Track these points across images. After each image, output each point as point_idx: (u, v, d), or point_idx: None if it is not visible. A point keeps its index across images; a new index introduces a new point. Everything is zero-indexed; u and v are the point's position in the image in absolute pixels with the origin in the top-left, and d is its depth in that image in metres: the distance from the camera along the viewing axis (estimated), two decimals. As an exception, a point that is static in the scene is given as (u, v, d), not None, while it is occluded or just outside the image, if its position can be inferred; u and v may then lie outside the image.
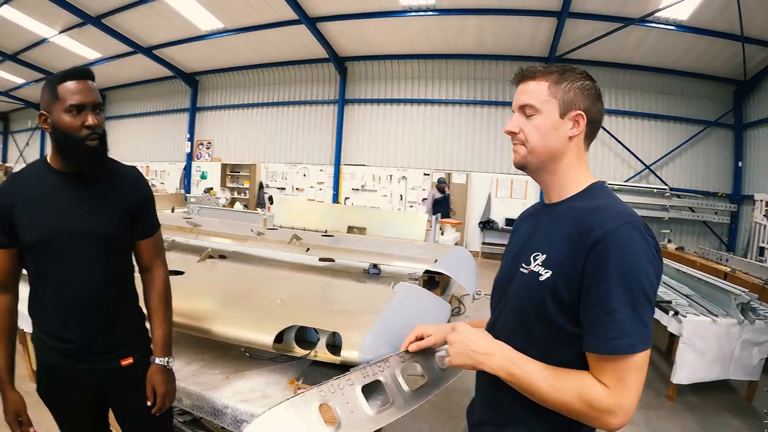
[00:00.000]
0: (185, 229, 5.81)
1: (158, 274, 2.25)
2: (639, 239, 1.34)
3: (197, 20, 14.71)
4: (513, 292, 1.59)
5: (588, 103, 1.50)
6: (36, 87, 23.69)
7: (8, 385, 2.04)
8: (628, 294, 1.30)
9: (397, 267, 4.45)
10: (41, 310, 2.05)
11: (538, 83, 1.52)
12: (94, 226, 2.00)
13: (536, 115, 1.51)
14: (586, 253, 1.36)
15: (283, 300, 3.09)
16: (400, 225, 6.51)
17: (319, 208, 8.95)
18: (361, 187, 16.12)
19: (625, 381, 1.31)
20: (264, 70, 18.27)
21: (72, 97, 1.88)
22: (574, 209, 1.48)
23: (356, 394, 1.83)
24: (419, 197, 15.23)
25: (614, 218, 1.37)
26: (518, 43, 13.23)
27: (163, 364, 2.13)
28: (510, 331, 1.57)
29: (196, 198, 11.72)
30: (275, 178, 18.24)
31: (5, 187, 2.03)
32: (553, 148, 1.52)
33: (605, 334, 1.32)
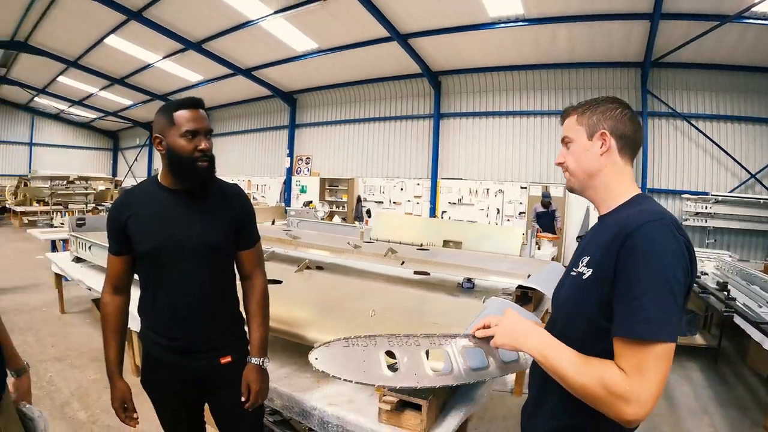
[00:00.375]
0: (284, 241, 6.06)
1: (258, 282, 2.42)
2: (667, 235, 1.41)
3: (292, 42, 15.12)
4: (564, 293, 1.74)
5: (612, 122, 1.66)
6: (143, 107, 25.66)
7: (117, 375, 2.26)
8: (653, 284, 1.36)
9: (492, 282, 4.45)
10: (151, 310, 2.27)
11: (570, 118, 1.76)
12: (202, 238, 2.18)
13: (571, 143, 1.74)
14: (618, 249, 1.45)
15: (375, 311, 3.19)
16: (495, 239, 6.47)
17: (416, 222, 9.01)
18: (458, 201, 15.98)
19: (643, 369, 1.35)
20: (359, 87, 18.46)
21: (187, 124, 2.09)
22: (619, 217, 1.57)
23: (420, 353, 2.08)
24: (516, 211, 14.95)
25: (645, 216, 1.46)
26: (611, 50, 12.67)
27: (259, 363, 2.29)
28: (560, 327, 1.67)
29: (296, 211, 12.04)
30: (373, 192, 18.36)
31: (120, 202, 2.27)
32: (588, 167, 1.70)
33: (629, 319, 1.38)
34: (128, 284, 2.33)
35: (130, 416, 2.27)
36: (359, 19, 12.82)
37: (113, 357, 2.26)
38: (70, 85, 23.37)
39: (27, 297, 8.77)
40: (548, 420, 1.68)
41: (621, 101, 1.70)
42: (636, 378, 1.34)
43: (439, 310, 3.64)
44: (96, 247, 5.88)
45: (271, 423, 3.47)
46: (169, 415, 2.41)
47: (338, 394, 2.58)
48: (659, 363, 1.35)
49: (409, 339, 2.11)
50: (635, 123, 1.68)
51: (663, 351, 1.35)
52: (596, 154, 1.67)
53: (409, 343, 2.10)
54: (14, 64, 21.22)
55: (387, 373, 2.04)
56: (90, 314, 7.78)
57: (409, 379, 2.03)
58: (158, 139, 2.15)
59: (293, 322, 3.00)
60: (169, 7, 13.68)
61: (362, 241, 6.48)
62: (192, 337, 2.21)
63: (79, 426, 4.41)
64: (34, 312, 7.88)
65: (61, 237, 9.94)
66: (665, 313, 1.35)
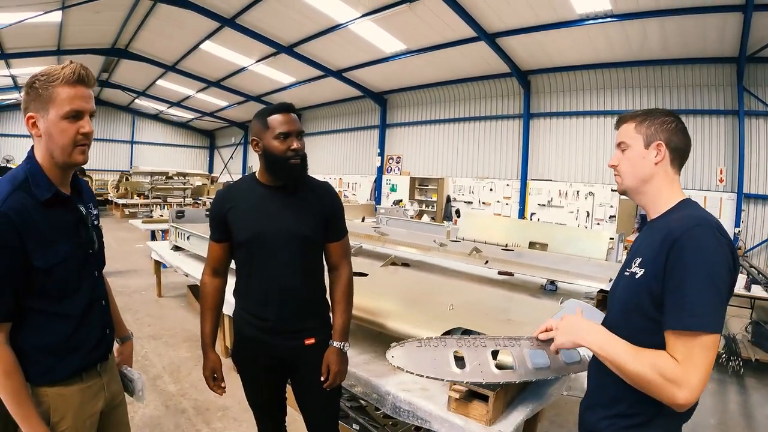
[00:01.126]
0: (372, 237, 6.21)
1: (344, 272, 2.59)
2: (711, 238, 1.56)
3: (381, 44, 15.34)
4: (618, 292, 1.87)
5: (668, 134, 1.79)
6: (238, 108, 26.81)
7: (210, 348, 2.55)
8: (700, 282, 1.51)
9: (575, 285, 4.43)
10: (245, 293, 2.51)
11: (628, 125, 1.87)
12: (293, 229, 2.39)
13: (627, 149, 1.86)
14: (668, 250, 1.59)
15: (453, 305, 3.28)
16: (581, 242, 6.37)
17: (503, 223, 8.97)
18: (548, 203, 15.69)
19: (693, 357, 1.48)
20: (448, 87, 18.48)
21: (280, 127, 2.33)
22: (668, 221, 1.71)
23: (486, 353, 2.22)
24: (606, 214, 14.50)
25: (690, 221, 1.61)
26: (706, 45, 11.93)
27: (339, 347, 2.45)
28: (616, 323, 1.79)
29: (385, 209, 12.22)
30: (462, 192, 18.33)
31: (222, 195, 2.55)
32: (642, 174, 1.82)
33: (679, 313, 1.52)
34: (226, 268, 2.62)
35: (218, 385, 2.55)
36: (446, 20, 12.86)
37: (208, 331, 2.55)
38: (168, 88, 24.86)
39: (127, 281, 9.43)
40: (606, 408, 1.80)
41: (675, 116, 1.84)
42: (687, 365, 1.48)
43: (516, 309, 3.67)
44: (194, 237, 6.23)
45: (348, 408, 3.63)
46: (254, 388, 2.64)
47: (412, 381, 2.69)
48: (707, 352, 1.49)
49: (476, 341, 2.26)
50: (687, 137, 1.83)
51: (710, 341, 1.49)
52: (651, 162, 1.80)
53: (476, 345, 2.24)
54: (116, 69, 22.83)
55: (455, 370, 2.17)
56: (185, 299, 8.28)
57: (475, 376, 2.15)
58: (255, 141, 2.41)
59: (375, 312, 3.14)
60: (260, 13, 14.27)
61: (448, 240, 6.54)
62: (280, 318, 2.41)
63: (169, 397, 4.79)
64: (134, 294, 8.48)
65: (160, 227, 10.55)
66: (713, 307, 1.50)
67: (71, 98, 1.76)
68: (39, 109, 1.77)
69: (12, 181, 1.77)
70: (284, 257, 2.39)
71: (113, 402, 2.15)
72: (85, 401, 1.95)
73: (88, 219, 2.03)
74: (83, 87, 1.81)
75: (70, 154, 1.82)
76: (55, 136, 1.78)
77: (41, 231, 1.77)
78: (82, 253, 1.96)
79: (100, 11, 14.48)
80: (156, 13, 15.50)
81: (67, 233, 1.88)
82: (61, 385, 1.87)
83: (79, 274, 1.93)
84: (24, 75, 20.88)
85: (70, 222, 1.91)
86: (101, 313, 2.08)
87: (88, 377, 1.98)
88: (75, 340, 1.90)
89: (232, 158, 33.58)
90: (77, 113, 1.79)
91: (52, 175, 1.84)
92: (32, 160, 1.84)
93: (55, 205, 1.84)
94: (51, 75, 1.76)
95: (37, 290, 1.79)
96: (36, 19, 13.80)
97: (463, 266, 5.14)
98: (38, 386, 1.82)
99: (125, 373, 2.33)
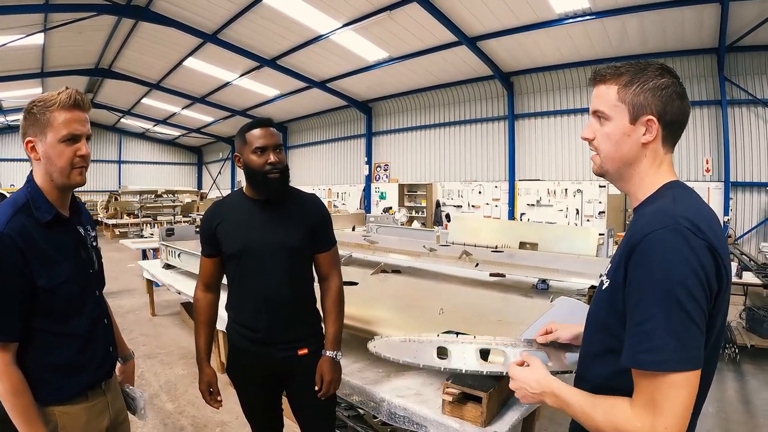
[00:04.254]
0: (363, 246, 6.23)
1: (334, 282, 2.62)
2: (679, 244, 1.22)
3: (363, 53, 15.36)
4: (591, 305, 1.61)
5: (662, 104, 1.38)
6: (224, 123, 26.67)
7: (205, 362, 2.59)
8: (659, 305, 1.21)
9: (566, 283, 4.46)
10: (237, 305, 2.55)
11: (608, 87, 1.45)
12: (280, 241, 2.43)
13: (607, 121, 1.45)
14: (627, 259, 1.31)
15: (444, 309, 3.30)
16: (571, 240, 6.39)
17: (492, 225, 9.02)
18: (537, 203, 15.71)
19: (656, 402, 1.20)
20: (432, 93, 18.50)
21: (257, 141, 2.39)
22: (639, 215, 1.42)
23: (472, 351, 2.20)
24: (596, 210, 14.57)
25: (655, 221, 1.28)
26: (684, 37, 12.01)
27: (332, 356, 2.48)
28: (586, 339, 1.60)
29: (375, 217, 12.23)
30: (452, 196, 18.33)
31: (211, 211, 2.59)
32: (625, 156, 1.45)
33: (633, 345, 1.25)
34: (218, 283, 2.66)
35: (214, 399, 2.57)
36: (426, 26, 12.92)
37: (203, 345, 2.60)
38: (153, 106, 24.80)
39: (120, 301, 9.39)
40: None
41: (671, 71, 1.42)
42: (648, 413, 1.22)
43: (507, 309, 3.71)
44: (185, 254, 6.23)
45: (345, 417, 3.65)
46: (250, 400, 2.67)
47: (406, 387, 2.72)
48: (677, 393, 1.19)
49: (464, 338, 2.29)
50: (685, 103, 1.42)
51: (681, 380, 1.19)
52: (637, 142, 1.42)
53: (463, 342, 2.26)
54: (100, 89, 22.69)
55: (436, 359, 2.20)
56: (179, 317, 8.25)
57: (457, 363, 2.18)
58: (237, 156, 2.48)
59: (367, 320, 3.17)
60: (242, 28, 14.28)
61: (438, 245, 6.56)
62: (272, 329, 2.44)
63: (167, 415, 4.78)
64: (127, 314, 8.45)
65: (151, 246, 10.52)
66: (678, 337, 1.19)
67: (68, 122, 1.84)
68: (37, 133, 1.85)
69: (13, 205, 1.83)
70: (272, 269, 2.42)
71: (117, 419, 2.19)
72: (91, 419, 1.99)
73: (87, 240, 2.09)
74: (79, 111, 1.89)
75: (68, 176, 1.89)
76: (53, 158, 1.85)
77: (44, 251, 1.82)
78: (84, 273, 2.01)
79: (82, 32, 14.44)
80: (138, 32, 15.49)
81: (68, 253, 1.93)
82: (68, 404, 1.92)
83: (82, 293, 1.98)
84: (8, 98, 20.96)
85: (70, 242, 1.98)
86: (104, 331, 2.14)
87: (94, 396, 2.02)
88: (81, 358, 1.95)
89: (221, 173, 33.52)
90: (74, 136, 1.87)
91: (51, 197, 1.91)
92: (32, 183, 1.91)
93: (55, 227, 1.90)
94: (48, 100, 1.83)
95: (43, 310, 1.83)
96: (18, 42, 13.79)
97: (454, 270, 5.16)
98: (46, 405, 1.86)
99: (128, 392, 2.37)
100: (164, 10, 13.62)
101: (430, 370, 2.81)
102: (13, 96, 20.35)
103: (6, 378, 1.73)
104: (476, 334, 2.69)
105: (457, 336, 2.51)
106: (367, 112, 21.14)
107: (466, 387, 2.33)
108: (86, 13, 12.81)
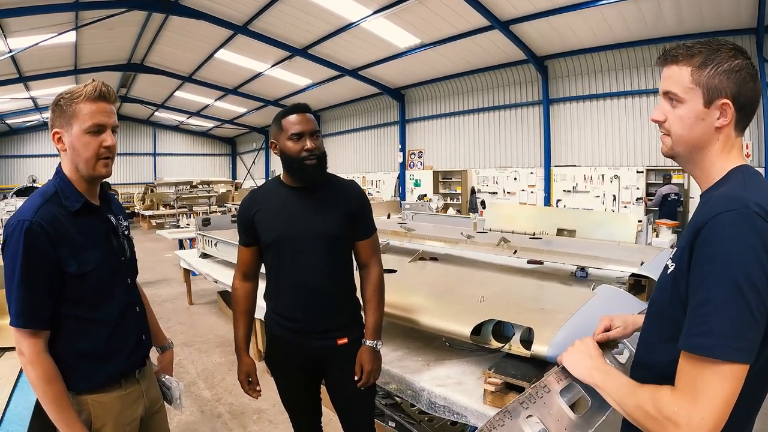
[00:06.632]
0: (399, 233, 6.19)
1: (374, 270, 2.58)
2: (743, 228, 1.16)
3: (395, 39, 15.28)
4: (655, 290, 1.56)
5: (737, 87, 1.31)
6: (256, 114, 26.98)
7: (244, 352, 2.57)
8: (719, 288, 1.15)
9: (606, 270, 4.35)
10: (275, 295, 2.52)
11: (681, 68, 1.38)
12: (319, 228, 2.39)
13: (680, 104, 1.39)
14: (692, 241, 1.25)
15: (484, 297, 3.24)
16: (609, 227, 6.25)
17: (529, 211, 8.87)
18: (573, 189, 15.52)
19: (698, 389, 1.16)
20: (465, 78, 18.31)
21: (293, 127, 2.35)
22: (707, 198, 1.34)
23: (557, 400, 1.66)
24: (633, 197, 14.26)
25: (722, 204, 1.22)
26: (721, 17, 11.54)
27: (372, 346, 2.44)
28: (647, 324, 1.55)
29: (410, 205, 12.17)
30: (486, 183, 18.22)
31: (248, 200, 2.56)
32: (698, 140, 1.38)
33: (689, 328, 1.20)
34: (256, 272, 2.64)
35: (253, 388, 2.55)
36: (458, 11, 12.78)
37: (241, 335, 2.58)
38: (186, 99, 25.15)
39: (158, 290, 9.55)
40: None
41: (744, 52, 1.35)
42: (688, 398, 1.17)
43: (548, 298, 3.61)
44: (221, 243, 6.28)
45: (383, 406, 3.62)
46: (288, 390, 2.66)
47: (447, 376, 2.67)
48: (720, 384, 1.14)
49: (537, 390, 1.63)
50: (758, 85, 1.35)
51: (727, 371, 1.13)
52: (711, 126, 1.35)
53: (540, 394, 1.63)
54: (133, 84, 23.21)
55: None
56: (215, 305, 8.35)
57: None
58: (273, 143, 2.45)
59: (406, 308, 3.11)
60: (272, 18, 14.36)
61: (475, 232, 6.48)
62: (311, 319, 2.41)
63: (204, 403, 4.84)
64: (165, 303, 8.61)
65: (188, 236, 10.66)
66: (734, 325, 1.12)
67: (93, 113, 1.86)
68: (64, 124, 1.87)
69: (43, 195, 1.87)
70: (311, 257, 2.39)
71: (152, 408, 2.20)
72: (125, 408, 2.00)
73: (119, 228, 2.10)
74: (104, 102, 1.90)
75: (93, 167, 1.90)
76: (79, 149, 1.87)
77: (73, 239, 1.84)
78: (114, 260, 2.02)
79: (113, 28, 14.68)
80: (169, 26, 15.70)
81: (98, 241, 1.95)
82: (101, 392, 1.94)
83: (112, 280, 1.99)
84: (43, 96, 21.31)
85: (101, 230, 2.00)
86: (136, 319, 2.14)
87: (127, 384, 2.03)
88: (111, 345, 1.96)
89: (255, 163, 33.83)
90: (99, 127, 1.87)
91: (80, 187, 1.93)
92: (60, 174, 1.93)
93: (85, 215, 1.92)
94: (74, 93, 1.86)
95: (72, 297, 1.85)
96: (51, 41, 13.99)
97: (491, 257, 5.08)
98: (79, 394, 1.88)
99: (164, 381, 2.39)
100: (194, 3, 13.79)
101: (470, 358, 2.77)
102: (49, 94, 20.59)
103: (38, 365, 1.74)
104: (518, 322, 2.64)
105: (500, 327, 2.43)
106: (399, 99, 21.06)
107: (509, 377, 2.27)
108: (116, 10, 13.03)
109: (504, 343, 2.60)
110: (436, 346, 3.08)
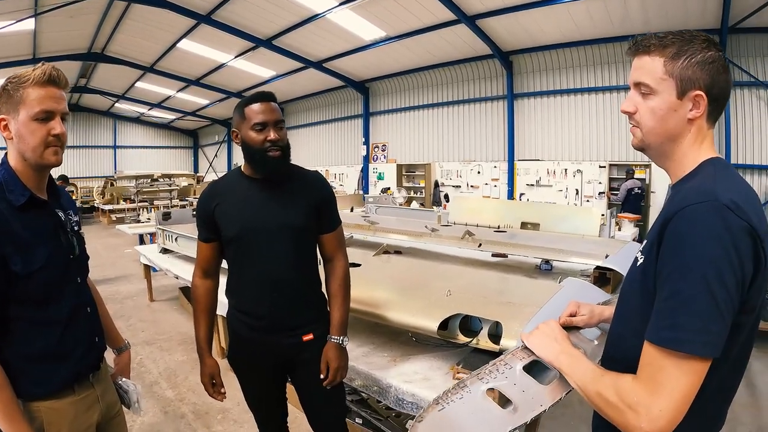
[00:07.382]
0: (363, 227, 6.15)
1: (339, 264, 2.51)
2: (713, 220, 1.15)
3: (360, 32, 15.18)
4: (624, 283, 1.57)
5: (710, 79, 1.31)
6: (219, 106, 26.43)
7: (206, 353, 2.47)
8: (686, 282, 1.15)
9: (570, 263, 4.39)
10: (238, 291, 2.43)
11: (653, 59, 1.37)
12: (282, 221, 2.30)
13: (652, 95, 1.37)
14: (661, 234, 1.25)
15: (450, 291, 3.22)
16: (573, 220, 6.32)
17: (493, 205, 8.92)
18: (536, 183, 15.64)
19: (659, 380, 1.17)
20: (431, 72, 18.29)
21: (256, 117, 2.24)
22: (677, 191, 1.35)
23: (518, 373, 1.73)
24: (595, 191, 14.47)
25: (690, 197, 1.22)
26: (687, 17, 11.67)
27: (338, 342, 2.38)
28: (616, 317, 1.55)
29: (374, 198, 12.15)
30: (450, 177, 18.24)
31: (207, 193, 2.45)
32: (670, 132, 1.37)
33: (656, 321, 1.21)
34: (217, 269, 2.53)
35: (217, 390, 2.46)
36: (424, 4, 12.74)
37: (203, 335, 2.47)
38: (148, 90, 24.49)
39: (118, 287, 9.32)
40: None
41: (716, 44, 1.35)
42: (648, 389, 1.18)
43: (514, 290, 3.64)
44: (182, 238, 6.15)
45: (349, 402, 3.58)
46: (253, 390, 2.58)
47: (414, 372, 2.64)
48: (682, 378, 1.15)
49: (497, 366, 1.77)
50: (729, 77, 1.36)
51: (690, 365, 1.15)
52: (683, 118, 1.34)
53: (501, 370, 1.76)
54: (93, 74, 22.50)
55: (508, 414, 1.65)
56: (177, 302, 8.18)
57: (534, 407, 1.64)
58: (235, 132, 2.34)
59: (372, 303, 3.07)
60: (237, 7, 14.06)
61: (440, 225, 6.49)
62: (275, 315, 2.33)
63: (167, 403, 4.73)
64: (125, 300, 8.39)
65: (148, 231, 10.42)
66: (701, 319, 1.13)
67: (41, 99, 1.74)
68: (10, 110, 1.76)
69: None
70: (275, 250, 2.31)
71: (109, 413, 2.10)
72: (79, 414, 1.90)
73: (68, 224, 1.97)
74: (54, 87, 1.78)
75: (41, 155, 1.77)
76: (25, 137, 1.75)
77: (18, 236, 1.72)
78: (63, 258, 1.90)
79: (73, 16, 14.23)
80: (131, 15, 15.26)
81: (45, 238, 1.83)
82: (53, 399, 1.82)
83: (61, 279, 1.87)
84: (0, 85, 20.60)
85: (48, 226, 1.87)
86: (88, 320, 2.02)
87: (81, 389, 1.93)
88: (62, 348, 1.85)
89: (217, 156, 33.32)
90: (48, 114, 1.76)
91: (26, 179, 1.80)
92: (5, 165, 1.81)
93: (32, 210, 1.80)
94: (22, 77, 1.76)
95: (19, 297, 1.74)
96: (8, 28, 13.58)
97: (456, 251, 5.08)
98: (29, 401, 1.77)
99: (120, 384, 2.27)
100: (157, -10, 13.38)
101: (437, 353, 2.74)
102: (5, 84, 20.08)
103: None
104: (486, 316, 2.62)
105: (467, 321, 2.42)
106: (364, 92, 20.97)
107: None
108: (77, -4, 12.57)
109: (472, 338, 2.58)
110: (402, 342, 3.05)
